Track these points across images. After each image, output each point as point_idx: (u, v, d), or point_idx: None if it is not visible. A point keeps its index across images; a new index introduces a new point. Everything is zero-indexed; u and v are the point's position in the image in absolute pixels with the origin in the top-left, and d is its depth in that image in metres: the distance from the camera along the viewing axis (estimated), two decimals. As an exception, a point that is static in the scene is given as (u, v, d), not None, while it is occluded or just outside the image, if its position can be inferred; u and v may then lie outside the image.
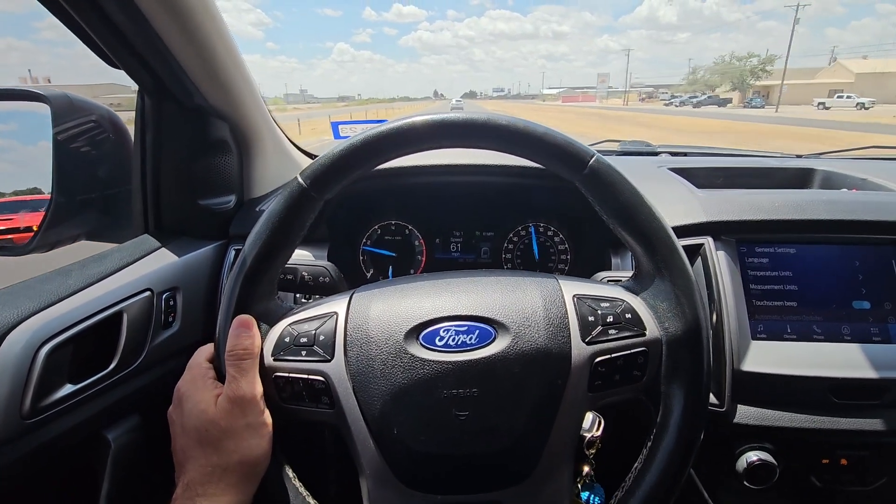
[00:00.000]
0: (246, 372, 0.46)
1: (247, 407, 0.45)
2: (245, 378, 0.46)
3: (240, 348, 0.46)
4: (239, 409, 0.45)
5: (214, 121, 0.79)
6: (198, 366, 0.50)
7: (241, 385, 0.45)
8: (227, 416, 0.45)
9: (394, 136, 0.46)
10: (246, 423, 0.45)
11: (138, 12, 0.58)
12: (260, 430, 0.46)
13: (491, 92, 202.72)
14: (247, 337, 0.47)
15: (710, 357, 0.47)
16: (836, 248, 0.72)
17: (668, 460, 0.46)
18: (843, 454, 0.68)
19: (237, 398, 0.45)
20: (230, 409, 0.45)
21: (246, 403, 0.45)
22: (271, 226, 0.47)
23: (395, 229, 0.97)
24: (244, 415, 0.45)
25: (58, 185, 0.68)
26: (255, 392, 0.46)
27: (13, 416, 0.49)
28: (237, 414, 0.45)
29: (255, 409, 0.46)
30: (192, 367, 0.50)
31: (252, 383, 0.46)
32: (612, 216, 0.48)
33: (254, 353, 0.47)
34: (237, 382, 0.45)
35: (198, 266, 0.76)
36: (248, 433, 0.45)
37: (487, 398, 0.45)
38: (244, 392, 0.45)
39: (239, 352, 0.46)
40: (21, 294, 0.56)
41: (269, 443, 0.47)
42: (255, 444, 0.45)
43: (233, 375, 0.46)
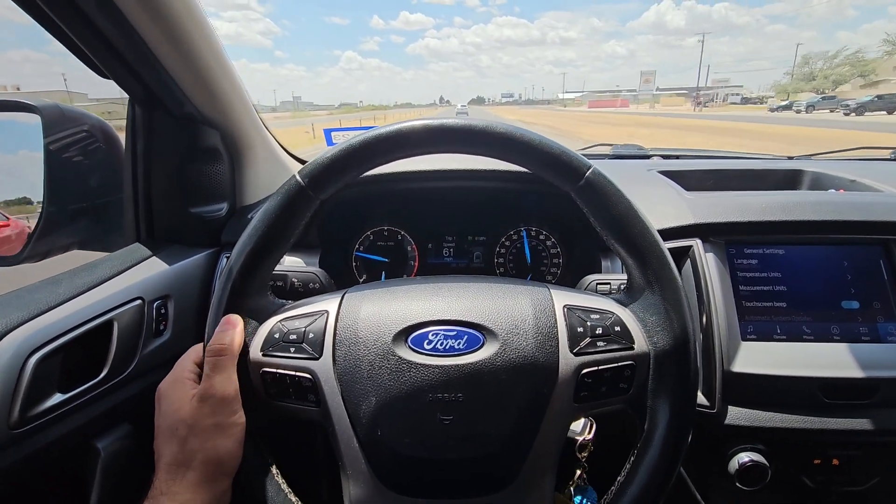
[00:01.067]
0: (221, 369, 0.46)
1: (217, 405, 0.45)
2: (219, 376, 0.46)
3: (217, 344, 0.46)
4: (209, 408, 0.45)
5: (205, 129, 0.79)
6: (181, 366, 0.50)
7: (214, 383, 0.45)
8: (196, 414, 0.45)
9: (392, 140, 0.47)
10: (214, 423, 0.45)
11: (126, 23, 0.58)
12: (228, 430, 0.45)
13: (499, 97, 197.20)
14: (228, 334, 0.47)
15: (696, 373, 0.48)
16: (824, 249, 0.72)
17: (651, 473, 0.46)
18: (834, 454, 0.68)
19: (208, 396, 0.45)
20: (200, 406, 0.45)
21: (217, 402, 0.45)
22: (267, 222, 0.47)
23: (388, 235, 0.97)
24: (213, 413, 0.45)
25: (49, 195, 0.69)
26: (228, 391, 0.45)
27: (1, 426, 0.49)
28: (206, 412, 0.45)
29: (227, 408, 0.45)
30: (175, 367, 0.50)
31: (225, 382, 0.46)
32: (605, 228, 0.49)
33: (231, 350, 0.46)
34: (210, 380, 0.45)
35: (189, 274, 0.76)
36: (216, 432, 0.45)
37: (473, 404, 0.45)
38: (216, 390, 0.45)
39: (215, 347, 0.46)
40: (10, 303, 0.56)
41: (237, 443, 0.46)
42: (220, 444, 0.45)
43: (207, 373, 0.46)
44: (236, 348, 0.47)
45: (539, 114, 54.82)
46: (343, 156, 0.47)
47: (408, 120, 0.47)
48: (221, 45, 0.72)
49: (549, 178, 0.49)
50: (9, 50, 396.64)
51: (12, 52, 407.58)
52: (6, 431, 0.50)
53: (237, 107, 0.80)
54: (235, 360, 0.47)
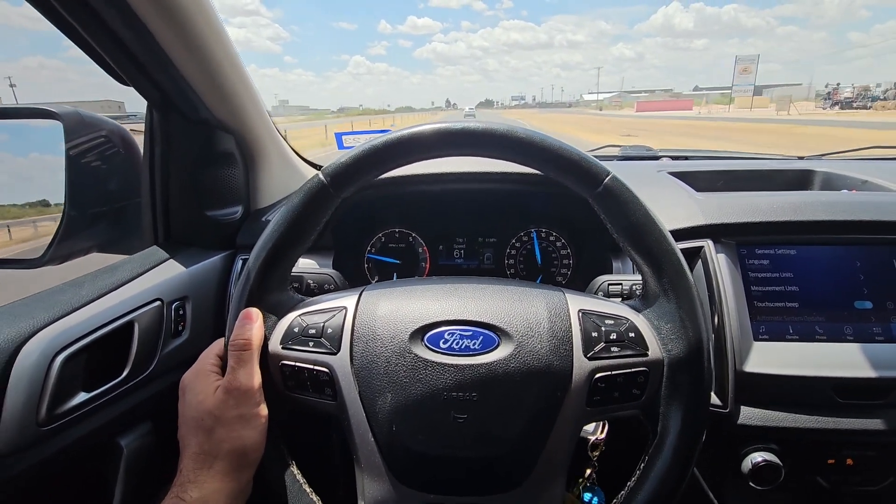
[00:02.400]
0: (245, 363, 0.47)
1: (242, 397, 0.46)
2: (243, 369, 0.47)
3: (241, 339, 0.47)
4: (234, 400, 0.46)
5: (220, 133, 0.81)
6: (204, 359, 0.51)
7: (239, 375, 0.47)
8: (221, 406, 0.46)
9: (413, 142, 0.48)
10: (239, 414, 0.46)
11: (145, 29, 0.60)
12: (252, 422, 0.47)
13: (509, 100, 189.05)
14: (249, 328, 0.48)
15: (710, 382, 0.48)
16: (836, 249, 0.72)
17: (661, 481, 0.47)
18: (848, 454, 0.68)
19: (233, 388, 0.46)
20: (225, 399, 0.46)
21: (242, 394, 0.46)
22: (291, 218, 0.49)
23: (399, 237, 0.98)
24: (238, 405, 0.46)
25: (70, 199, 0.70)
26: (251, 384, 0.47)
27: (30, 424, 0.51)
28: (231, 404, 0.46)
29: (251, 400, 0.47)
30: (199, 359, 0.52)
31: (250, 374, 0.47)
32: (622, 234, 0.49)
33: (254, 344, 0.48)
34: (234, 373, 0.47)
35: (206, 276, 0.78)
36: (241, 423, 0.46)
37: (486, 403, 0.45)
38: (241, 383, 0.46)
39: (240, 342, 0.47)
40: (36, 305, 0.57)
41: (261, 434, 0.48)
42: (246, 435, 0.46)
43: (231, 366, 0.47)
44: (258, 343, 0.48)
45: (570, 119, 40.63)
46: (365, 156, 0.48)
47: (429, 123, 0.48)
48: (236, 51, 0.74)
49: (567, 184, 0.49)
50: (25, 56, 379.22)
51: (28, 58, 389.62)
52: (35, 429, 0.51)
53: (251, 112, 0.82)
54: (258, 353, 0.48)
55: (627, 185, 0.48)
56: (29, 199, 0.82)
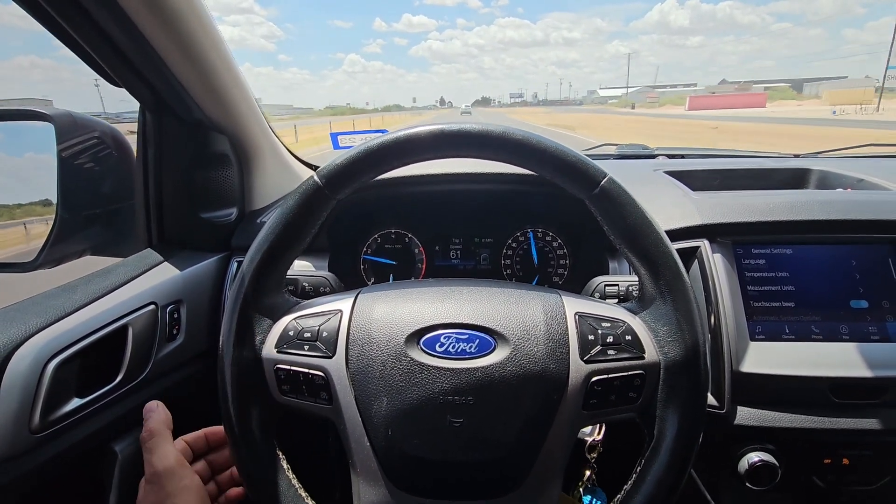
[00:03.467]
0: (154, 449, 0.51)
1: (163, 480, 0.49)
2: (154, 455, 0.50)
3: (144, 432, 0.52)
4: (157, 485, 0.49)
5: (214, 135, 0.80)
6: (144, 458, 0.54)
7: (153, 462, 0.50)
8: (148, 495, 0.49)
9: (409, 143, 0.48)
10: (166, 494, 0.49)
11: (136, 31, 0.59)
12: (183, 494, 0.49)
13: (507, 98, 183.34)
14: (150, 420, 0.52)
15: (706, 385, 0.48)
16: (832, 248, 0.72)
17: (658, 484, 0.46)
18: (844, 454, 0.68)
19: (151, 475, 0.50)
20: (149, 488, 0.49)
21: (161, 477, 0.49)
22: (284, 221, 0.48)
23: (395, 238, 0.98)
24: (162, 488, 0.49)
25: (62, 202, 0.70)
26: (167, 464, 0.50)
27: (23, 431, 0.50)
28: (156, 489, 0.49)
29: (173, 478, 0.50)
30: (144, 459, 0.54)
31: (163, 457, 0.50)
32: (619, 237, 0.49)
33: (156, 431, 0.52)
34: (149, 462, 0.50)
35: (201, 278, 0.77)
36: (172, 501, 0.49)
37: (482, 407, 0.45)
38: (156, 468, 0.49)
39: (143, 436, 0.51)
40: (28, 310, 0.57)
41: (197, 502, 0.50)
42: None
43: (146, 458, 0.50)
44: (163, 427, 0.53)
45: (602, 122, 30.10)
46: (360, 158, 0.48)
47: (424, 124, 0.48)
48: (230, 51, 0.73)
49: (563, 185, 0.49)
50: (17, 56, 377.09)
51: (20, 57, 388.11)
52: (28, 436, 0.51)
53: (245, 112, 0.81)
54: (167, 436, 0.52)
55: (624, 187, 0.48)
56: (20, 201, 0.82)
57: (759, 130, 20.18)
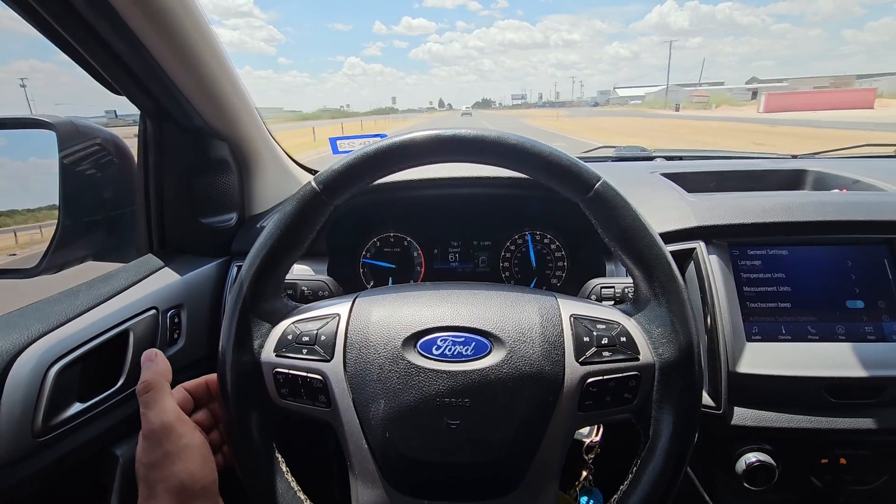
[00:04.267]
0: (151, 403, 0.47)
1: (161, 436, 0.46)
2: (152, 410, 0.47)
3: (140, 384, 0.48)
4: (155, 442, 0.46)
5: (214, 141, 0.81)
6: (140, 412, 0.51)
7: (150, 418, 0.47)
8: (146, 452, 0.46)
9: (405, 149, 0.48)
10: (164, 452, 0.46)
11: (135, 39, 0.60)
12: (183, 454, 0.46)
13: (509, 100, 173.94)
14: (147, 370, 0.49)
15: (701, 385, 0.48)
16: (828, 249, 0.72)
17: (654, 484, 0.47)
18: (841, 453, 0.68)
19: (148, 432, 0.46)
20: (146, 445, 0.46)
21: (158, 434, 0.46)
22: (283, 226, 0.49)
23: (394, 241, 0.99)
24: (160, 445, 0.46)
25: (64, 208, 0.71)
26: (165, 419, 0.47)
27: (25, 435, 0.51)
28: (154, 447, 0.46)
29: (171, 435, 0.46)
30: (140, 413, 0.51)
31: (160, 412, 0.47)
32: (613, 239, 0.49)
33: (153, 384, 0.48)
34: (146, 417, 0.47)
35: (201, 283, 0.78)
36: (170, 461, 0.46)
37: (479, 409, 0.46)
38: (153, 424, 0.46)
39: (139, 388, 0.48)
40: (30, 316, 0.58)
41: (198, 463, 0.47)
42: (180, 469, 0.46)
43: (142, 412, 0.47)
44: (161, 378, 0.49)
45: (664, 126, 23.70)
46: (357, 163, 0.49)
47: (421, 129, 0.49)
48: (228, 58, 0.74)
49: (558, 189, 0.50)
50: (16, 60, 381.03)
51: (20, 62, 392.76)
52: (30, 440, 0.51)
53: (244, 119, 0.82)
54: (165, 388, 0.49)
55: (618, 190, 0.48)
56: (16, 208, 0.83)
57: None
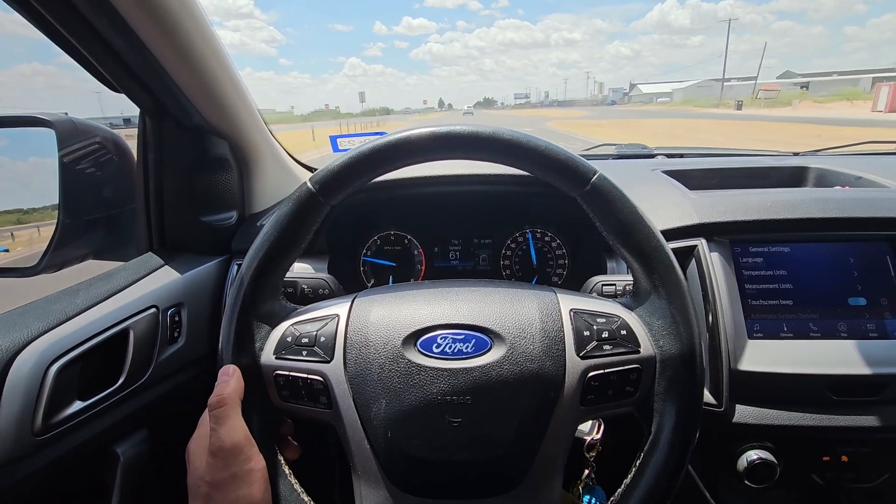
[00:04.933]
0: (223, 421, 0.45)
1: (229, 457, 0.44)
2: (223, 427, 0.45)
3: (214, 398, 0.46)
4: (222, 461, 0.44)
5: (214, 139, 0.81)
6: (203, 423, 0.49)
7: (221, 435, 0.45)
8: (212, 471, 0.44)
9: (400, 147, 0.48)
10: (231, 474, 0.44)
11: (135, 37, 0.60)
12: (247, 478, 0.45)
13: (512, 99, 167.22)
14: (226, 385, 0.47)
15: (703, 377, 0.48)
16: (830, 246, 0.72)
17: (657, 477, 0.47)
18: (843, 451, 0.68)
19: (217, 450, 0.45)
20: (213, 462, 0.45)
21: (227, 453, 0.44)
22: (279, 227, 0.49)
23: (395, 239, 0.99)
24: (227, 465, 0.44)
25: (64, 207, 0.70)
26: (235, 440, 0.45)
27: (25, 434, 0.51)
28: (220, 466, 0.44)
29: (240, 456, 0.45)
30: (199, 424, 0.50)
31: (231, 431, 0.45)
32: (611, 233, 0.49)
33: (229, 400, 0.46)
34: (216, 434, 0.45)
35: (201, 281, 0.78)
36: (235, 484, 0.44)
37: (480, 406, 0.45)
38: (223, 442, 0.45)
39: (213, 401, 0.46)
40: (30, 314, 0.57)
41: (260, 490, 0.46)
42: (243, 495, 0.44)
43: (212, 427, 0.45)
44: (236, 396, 0.47)
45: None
46: (352, 163, 0.48)
47: (416, 127, 0.48)
48: (228, 56, 0.74)
49: (555, 184, 0.50)
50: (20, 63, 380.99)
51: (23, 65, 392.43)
52: (30, 438, 0.51)
53: (244, 117, 0.82)
54: (238, 407, 0.47)
55: (615, 183, 0.48)
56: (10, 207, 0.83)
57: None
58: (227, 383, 0.47)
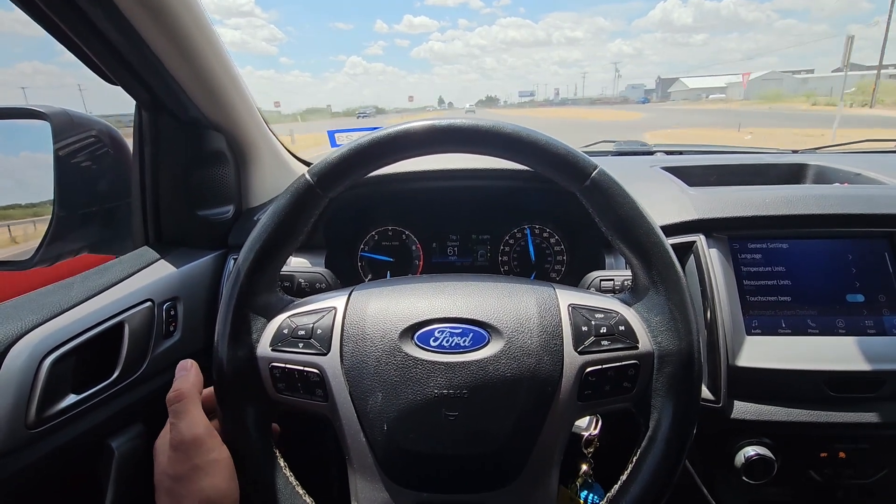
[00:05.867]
0: (182, 414, 0.46)
1: (190, 449, 0.45)
2: (183, 421, 0.46)
3: (172, 393, 0.47)
4: (183, 454, 0.45)
5: (211, 133, 0.80)
6: (168, 420, 0.49)
7: (180, 428, 0.45)
8: (173, 464, 0.45)
9: (400, 139, 0.48)
10: (192, 466, 0.44)
11: (133, 30, 0.59)
12: (211, 469, 0.45)
13: (516, 97, 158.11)
14: (183, 379, 0.48)
15: (700, 373, 0.48)
16: (828, 243, 0.72)
17: (654, 473, 0.46)
18: (841, 447, 0.68)
19: (177, 443, 0.45)
20: (174, 456, 0.45)
21: (188, 446, 0.45)
22: (277, 219, 0.49)
23: (392, 235, 0.98)
24: (189, 458, 0.45)
25: (59, 200, 0.70)
26: (195, 432, 0.45)
27: (18, 427, 0.50)
28: (182, 459, 0.45)
29: (200, 449, 0.45)
30: (169, 422, 0.49)
31: (191, 424, 0.46)
32: (610, 228, 0.49)
33: (186, 394, 0.47)
34: (176, 427, 0.46)
35: (197, 276, 0.77)
36: (198, 475, 0.44)
37: (477, 400, 0.45)
38: (183, 435, 0.45)
39: (171, 396, 0.47)
40: (24, 307, 0.57)
41: (223, 480, 0.46)
42: (207, 485, 0.44)
43: (172, 422, 0.46)
44: (194, 390, 0.48)
45: None
46: (351, 155, 0.48)
47: (416, 120, 0.48)
48: (226, 50, 0.73)
49: (554, 179, 0.49)
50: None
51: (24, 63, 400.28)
52: (23, 431, 0.51)
53: (241, 111, 0.81)
54: (197, 400, 0.48)
55: (615, 178, 0.48)
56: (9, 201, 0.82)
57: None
58: (185, 378, 0.48)
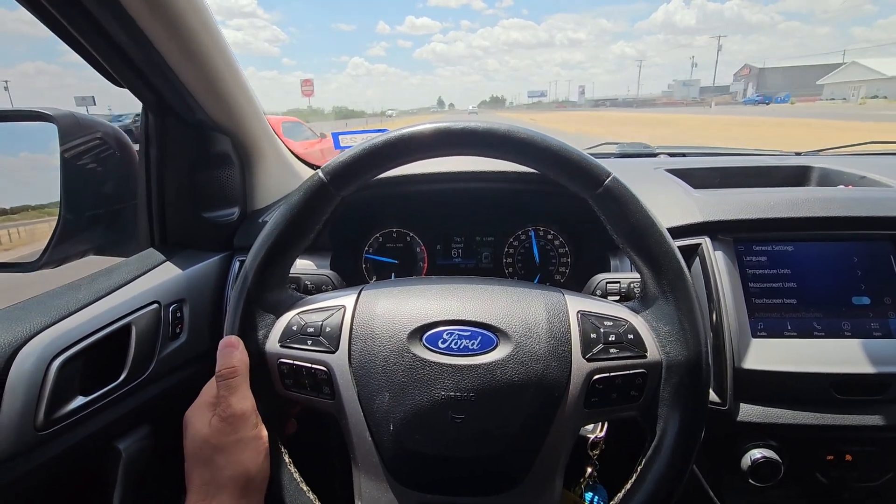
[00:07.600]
0: (235, 389, 0.47)
1: (238, 423, 0.46)
2: (234, 395, 0.47)
3: (225, 368, 0.48)
4: (230, 426, 0.46)
5: (216, 135, 0.81)
6: (205, 392, 0.50)
7: (231, 402, 0.46)
8: (218, 434, 0.46)
9: (414, 141, 0.48)
10: (237, 439, 0.46)
11: (140, 33, 0.59)
12: (252, 444, 0.46)
13: (525, 98, 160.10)
14: (233, 356, 0.48)
15: (708, 385, 0.48)
16: (833, 245, 0.72)
17: (658, 482, 0.46)
18: (847, 450, 0.68)
19: (227, 415, 0.46)
20: (221, 427, 0.46)
21: (237, 419, 0.46)
22: (289, 217, 0.49)
23: (397, 237, 0.98)
24: (235, 430, 0.46)
25: (66, 202, 0.70)
26: (245, 408, 0.47)
27: (27, 428, 0.51)
28: (228, 430, 0.46)
29: (247, 423, 0.46)
30: (200, 394, 0.51)
31: (242, 399, 0.47)
32: (622, 236, 0.49)
33: (240, 371, 0.48)
34: (227, 400, 0.47)
35: (203, 278, 0.78)
36: (239, 448, 0.46)
37: (484, 404, 0.45)
38: (234, 409, 0.46)
39: (224, 371, 0.47)
40: (32, 309, 0.57)
41: (263, 457, 0.47)
42: (247, 458, 0.46)
43: (223, 395, 0.47)
44: (244, 368, 0.48)
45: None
46: (365, 155, 0.48)
47: (430, 122, 0.48)
48: (232, 52, 0.73)
49: (567, 184, 0.49)
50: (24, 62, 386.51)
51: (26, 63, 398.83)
52: (32, 433, 0.51)
53: (247, 113, 0.82)
54: (247, 378, 0.48)
55: (628, 186, 0.48)
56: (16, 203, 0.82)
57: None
58: (233, 354, 0.48)
